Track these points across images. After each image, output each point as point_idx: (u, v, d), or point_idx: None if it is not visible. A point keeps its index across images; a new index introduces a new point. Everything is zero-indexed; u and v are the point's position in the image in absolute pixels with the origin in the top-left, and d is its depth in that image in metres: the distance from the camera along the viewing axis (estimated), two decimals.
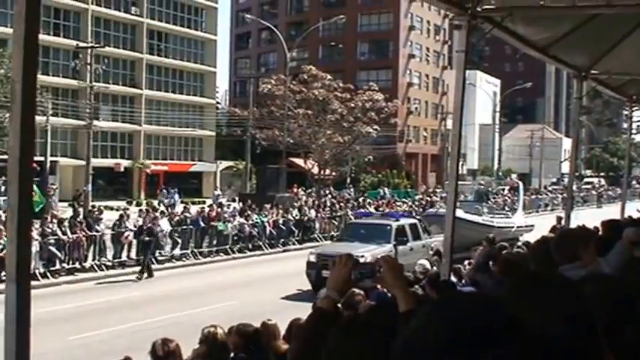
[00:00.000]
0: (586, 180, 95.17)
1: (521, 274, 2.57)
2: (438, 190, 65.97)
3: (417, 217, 30.81)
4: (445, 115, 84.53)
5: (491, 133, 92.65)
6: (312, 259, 24.18)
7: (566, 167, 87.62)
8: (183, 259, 30.97)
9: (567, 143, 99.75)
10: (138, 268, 28.38)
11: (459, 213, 31.84)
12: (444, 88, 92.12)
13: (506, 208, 44.72)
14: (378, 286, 10.63)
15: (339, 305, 3.70)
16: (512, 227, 34.08)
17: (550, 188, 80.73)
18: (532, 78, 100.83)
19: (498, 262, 9.83)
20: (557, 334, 1.80)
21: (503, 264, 9.45)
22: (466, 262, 16.65)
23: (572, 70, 12.95)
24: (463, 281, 12.31)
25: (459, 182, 42.57)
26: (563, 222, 15.94)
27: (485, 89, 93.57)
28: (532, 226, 35.48)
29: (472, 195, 39.29)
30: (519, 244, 19.58)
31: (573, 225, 11.58)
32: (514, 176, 72.68)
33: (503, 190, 69.34)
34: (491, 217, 34.02)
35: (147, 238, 27.30)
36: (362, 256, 21.47)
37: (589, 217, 27.04)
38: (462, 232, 27.20)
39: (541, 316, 1.86)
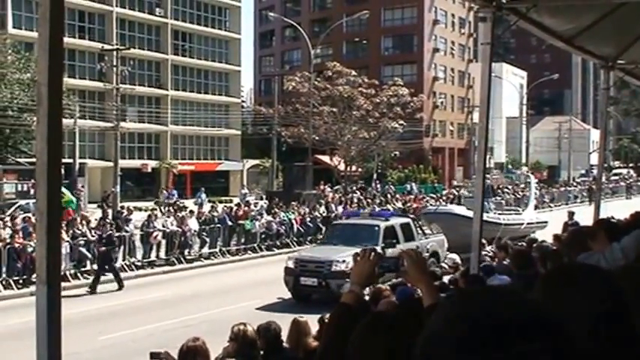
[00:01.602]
0: (615, 171, 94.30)
1: (554, 266, 2.55)
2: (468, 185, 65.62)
3: (411, 216, 29.16)
4: (471, 109, 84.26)
5: (518, 125, 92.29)
6: (290, 264, 22.32)
7: (594, 159, 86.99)
8: (212, 257, 31.10)
9: (595, 134, 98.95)
10: (161, 269, 28.59)
11: (461, 210, 30.63)
12: (470, 82, 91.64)
13: (523, 203, 42.78)
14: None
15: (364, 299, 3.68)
16: (522, 224, 32.36)
17: (579, 180, 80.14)
18: (559, 69, 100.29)
19: (513, 256, 9.81)
20: (591, 326, 1.79)
21: (517, 257, 9.42)
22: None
23: (598, 61, 12.83)
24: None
25: (487, 176, 41.05)
26: (595, 216, 15.75)
27: (512, 81, 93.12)
28: (545, 222, 33.65)
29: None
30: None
31: (603, 216, 11.50)
32: (524, 169, 71.59)
33: (530, 183, 68.96)
34: (498, 214, 32.11)
35: (105, 248, 24.90)
36: (342, 261, 20.66)
37: (618, 208, 26.82)
38: (466, 231, 26.45)
39: (575, 306, 1.84)
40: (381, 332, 2.84)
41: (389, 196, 50.07)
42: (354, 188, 55.10)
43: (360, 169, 63.65)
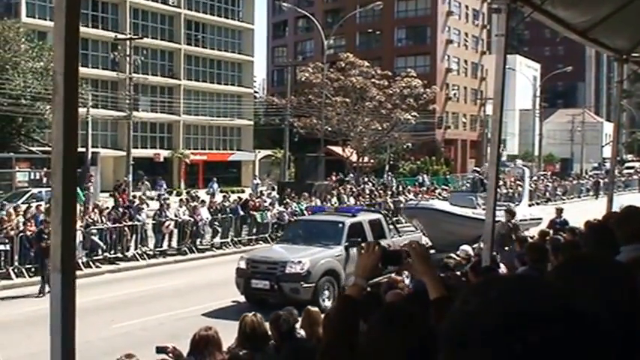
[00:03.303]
0: (627, 164, 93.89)
1: (570, 256, 2.53)
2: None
3: (383, 212, 27.04)
4: (484, 101, 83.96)
5: (531, 118, 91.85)
6: (242, 265, 20.23)
7: (607, 152, 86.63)
8: (223, 247, 31.16)
9: (608, 127, 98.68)
10: (173, 258, 28.68)
11: (443, 206, 29.22)
12: (483, 74, 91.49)
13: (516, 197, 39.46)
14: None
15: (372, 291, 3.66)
16: None
17: (591, 173, 79.84)
18: (572, 62, 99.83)
19: (529, 249, 9.80)
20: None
21: (532, 251, 9.41)
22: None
23: (612, 53, 12.79)
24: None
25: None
26: (608, 209, 15.65)
27: (525, 74, 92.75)
28: (540, 219, 30.55)
29: (469, 184, 34.20)
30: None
31: (615, 210, 11.46)
32: (519, 162, 70.63)
33: (545, 177, 68.64)
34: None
35: (45, 243, 21.26)
36: (297, 262, 19.24)
37: (631, 202, 26.66)
38: (447, 228, 25.69)
39: (588, 297, 1.84)
40: (397, 324, 2.85)
41: (400, 187, 49.83)
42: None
43: (372, 161, 63.58)
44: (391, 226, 24.09)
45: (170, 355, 7.45)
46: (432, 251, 25.65)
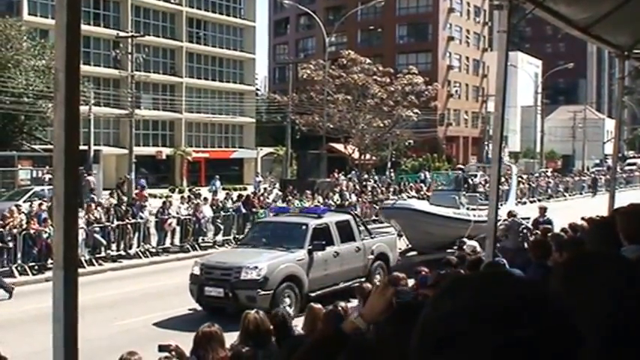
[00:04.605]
0: (629, 161, 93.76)
1: (575, 253, 2.49)
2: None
3: (352, 213, 24.80)
4: (486, 98, 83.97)
5: (533, 114, 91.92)
6: (196, 271, 18.91)
7: (609, 148, 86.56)
8: (226, 245, 31.13)
9: (610, 124, 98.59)
10: (175, 256, 28.68)
11: (422, 205, 27.57)
12: (485, 71, 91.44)
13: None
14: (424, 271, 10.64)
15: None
16: (497, 220, 27.62)
17: (593, 170, 79.72)
18: (574, 58, 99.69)
19: (533, 246, 9.80)
20: (606, 315, 1.78)
21: (536, 247, 9.41)
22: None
23: (614, 50, 12.77)
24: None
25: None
26: (609, 206, 15.56)
27: (527, 70, 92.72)
28: (527, 219, 27.49)
29: (451, 182, 32.18)
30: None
31: (617, 206, 11.42)
32: (506, 159, 70.13)
33: (546, 173, 68.56)
34: (470, 210, 27.32)
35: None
36: (254, 268, 17.84)
37: (633, 198, 26.60)
38: (426, 228, 24.65)
39: (596, 297, 1.83)
40: (406, 322, 2.83)
41: (402, 185, 49.76)
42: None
43: (374, 158, 63.51)
44: (362, 228, 22.46)
45: (172, 353, 7.46)
46: (413, 253, 25.35)
